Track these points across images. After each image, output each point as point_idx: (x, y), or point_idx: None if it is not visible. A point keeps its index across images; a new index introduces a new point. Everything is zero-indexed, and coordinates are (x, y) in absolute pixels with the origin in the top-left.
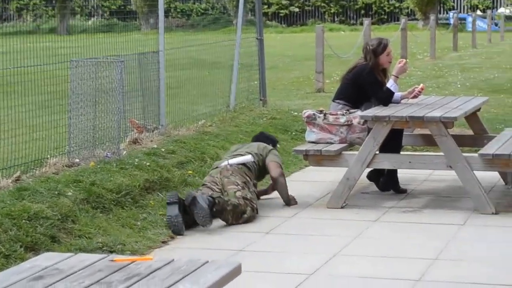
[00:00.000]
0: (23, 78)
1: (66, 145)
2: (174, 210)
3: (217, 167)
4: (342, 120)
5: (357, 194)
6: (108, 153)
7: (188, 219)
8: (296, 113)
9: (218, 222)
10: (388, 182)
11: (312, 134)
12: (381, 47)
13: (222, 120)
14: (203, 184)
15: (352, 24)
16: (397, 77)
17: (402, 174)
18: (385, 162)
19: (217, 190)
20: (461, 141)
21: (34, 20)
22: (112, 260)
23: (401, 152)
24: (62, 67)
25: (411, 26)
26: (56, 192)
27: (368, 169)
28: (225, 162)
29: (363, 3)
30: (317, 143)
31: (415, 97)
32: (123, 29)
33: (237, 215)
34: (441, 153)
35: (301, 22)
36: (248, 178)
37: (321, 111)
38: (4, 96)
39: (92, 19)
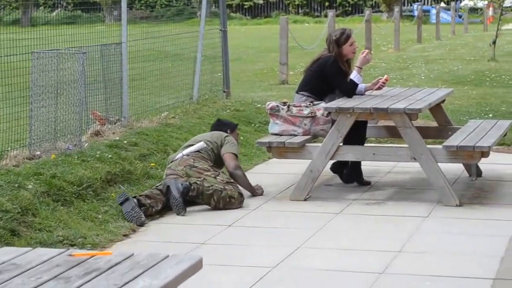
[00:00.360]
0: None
1: (27, 138)
2: (129, 206)
3: (173, 161)
4: (306, 112)
5: (320, 186)
6: (69, 145)
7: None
8: (259, 105)
9: (190, 209)
10: (352, 174)
11: (275, 126)
12: (343, 37)
13: (185, 112)
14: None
15: (317, 16)
16: (361, 68)
17: (366, 166)
18: (349, 154)
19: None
20: (425, 132)
21: None
22: (70, 255)
23: (365, 144)
24: (24, 59)
25: (376, 18)
26: (16, 185)
27: (332, 161)
28: (180, 154)
29: None
30: (281, 135)
31: (379, 88)
32: (87, 21)
33: (224, 200)
34: (406, 145)
35: (265, 14)
36: (210, 164)
37: (284, 103)
38: None
39: (56, 10)
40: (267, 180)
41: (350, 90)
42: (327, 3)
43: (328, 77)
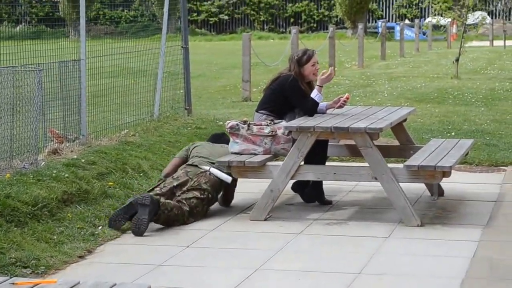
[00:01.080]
0: None
1: None
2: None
3: (196, 166)
4: (266, 130)
5: (281, 205)
6: (25, 164)
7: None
8: (221, 123)
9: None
10: (313, 194)
11: (235, 145)
12: (305, 57)
13: (146, 130)
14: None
15: (282, 32)
16: (321, 86)
17: (328, 185)
18: (310, 173)
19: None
20: (387, 152)
21: None
22: (13, 284)
23: (327, 163)
24: None
25: (340, 34)
26: None
27: (293, 180)
28: (207, 167)
29: (292, 11)
30: (241, 154)
31: (340, 107)
32: (51, 36)
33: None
34: (367, 164)
35: (230, 30)
36: (214, 193)
37: (245, 122)
38: None
39: (20, 25)
40: None
41: (311, 109)
42: (292, 19)
43: (288, 96)
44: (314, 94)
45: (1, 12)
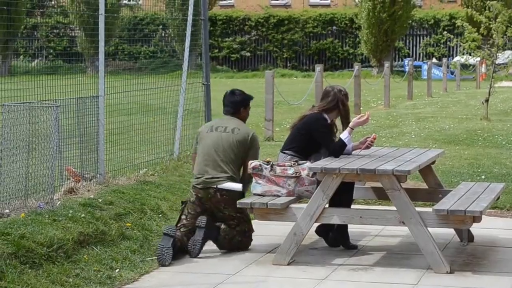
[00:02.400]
0: None
1: None
2: (168, 242)
3: (204, 180)
4: (290, 171)
5: (305, 249)
6: (41, 204)
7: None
8: None
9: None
10: (338, 238)
11: (258, 186)
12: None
13: (165, 169)
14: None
15: (305, 70)
16: (352, 129)
17: (353, 229)
18: (335, 216)
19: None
20: (415, 195)
21: None
22: None
23: (352, 206)
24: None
25: (365, 73)
26: None
27: (317, 224)
28: (214, 187)
29: (316, 48)
30: (263, 195)
31: (367, 147)
32: (68, 72)
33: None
34: (394, 208)
35: (252, 67)
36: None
37: (268, 162)
38: None
39: (36, 60)
40: None
41: (338, 150)
42: (316, 57)
43: (315, 136)
44: (344, 136)
45: (18, 46)
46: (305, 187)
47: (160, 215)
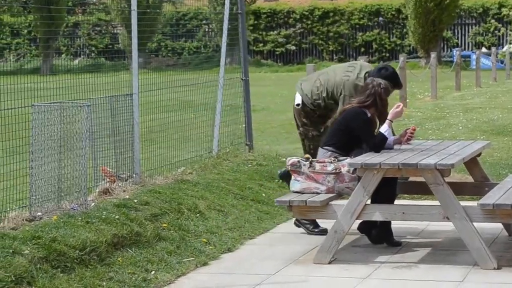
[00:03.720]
0: (15, 120)
1: (28, 197)
2: None
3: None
4: (330, 168)
5: (347, 247)
6: (74, 205)
7: None
8: (284, 159)
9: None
10: (381, 234)
11: (296, 183)
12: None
13: (203, 167)
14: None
15: None
16: (392, 121)
17: (397, 225)
18: (376, 213)
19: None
20: (460, 189)
21: (16, 60)
22: None
23: (396, 201)
24: (36, 111)
25: (413, 64)
26: (11, 251)
27: (359, 221)
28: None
29: (362, 40)
30: (302, 193)
31: (408, 140)
32: (111, 69)
33: None
34: (438, 203)
35: (298, 61)
36: None
37: (307, 159)
38: None
39: (79, 58)
40: (288, 240)
41: (379, 145)
42: (362, 49)
43: (355, 131)
44: (384, 129)
45: (59, 44)
46: (345, 183)
47: (198, 214)
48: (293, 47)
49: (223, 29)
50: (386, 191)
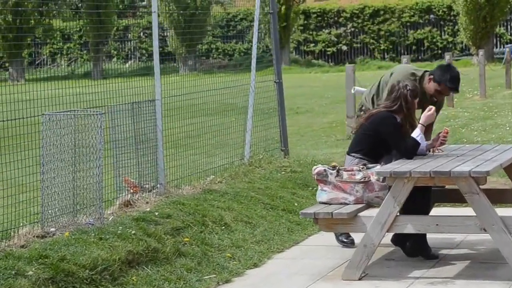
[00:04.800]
0: (31, 129)
1: (40, 212)
2: None
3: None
4: (358, 176)
5: (379, 261)
6: (91, 220)
7: None
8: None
9: None
10: (416, 247)
11: (323, 193)
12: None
13: (234, 175)
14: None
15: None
16: (424, 126)
17: (433, 236)
18: (409, 225)
19: None
20: (499, 197)
21: (68, 65)
22: None
23: (434, 210)
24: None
25: (466, 62)
26: (13, 272)
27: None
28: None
29: (414, 38)
30: (329, 204)
31: (441, 144)
32: (162, 72)
33: None
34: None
35: (349, 60)
36: None
37: (334, 167)
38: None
39: (129, 61)
40: (317, 253)
41: (411, 151)
42: (414, 47)
43: (384, 136)
44: (416, 134)
45: (110, 48)
46: (375, 193)
47: (223, 227)
48: (344, 47)
49: (254, 29)
50: (419, 200)
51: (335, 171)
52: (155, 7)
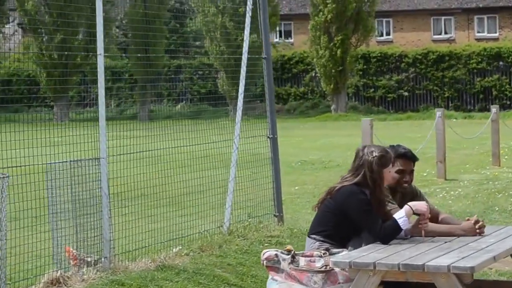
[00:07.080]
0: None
1: None
2: None
3: None
4: (318, 264)
5: None
6: None
7: None
8: None
9: None
10: None
11: (274, 283)
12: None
13: (206, 247)
14: None
15: (468, 110)
16: (412, 209)
17: None
18: None
19: None
20: None
21: (117, 105)
22: None
23: None
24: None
25: None
26: None
27: None
28: None
29: (481, 86)
30: None
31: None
32: (212, 116)
33: None
34: None
35: (411, 108)
36: None
37: (289, 251)
38: None
39: (181, 103)
40: None
41: (389, 234)
42: (481, 96)
43: (351, 216)
44: (399, 216)
45: (162, 89)
46: (338, 285)
47: None
48: (406, 93)
49: (242, 70)
50: None
51: (289, 256)
52: (101, 49)
